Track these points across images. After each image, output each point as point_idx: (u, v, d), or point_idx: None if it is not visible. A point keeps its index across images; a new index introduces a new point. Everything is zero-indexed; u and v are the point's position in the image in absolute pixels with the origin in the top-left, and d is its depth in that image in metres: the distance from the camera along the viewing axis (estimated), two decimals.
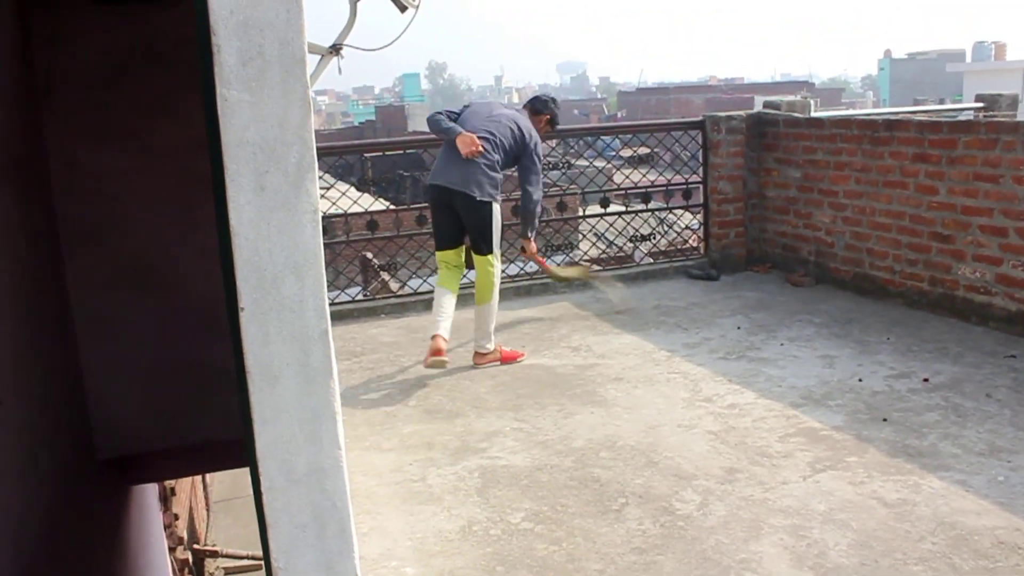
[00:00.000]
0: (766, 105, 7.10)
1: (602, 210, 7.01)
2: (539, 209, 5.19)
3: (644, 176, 7.61)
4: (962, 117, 7.15)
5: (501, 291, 5.11)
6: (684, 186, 7.13)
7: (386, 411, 4.37)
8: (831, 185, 6.26)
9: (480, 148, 4.79)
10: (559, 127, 5.53)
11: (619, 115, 48.00)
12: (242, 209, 1.42)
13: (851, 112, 8.72)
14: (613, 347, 5.19)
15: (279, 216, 1.44)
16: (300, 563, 1.58)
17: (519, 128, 5.02)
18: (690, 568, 2.80)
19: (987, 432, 3.73)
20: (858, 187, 6.01)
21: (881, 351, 4.85)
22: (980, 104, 7.59)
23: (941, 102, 21.21)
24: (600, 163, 7.93)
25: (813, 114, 6.81)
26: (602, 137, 7.77)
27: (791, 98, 6.88)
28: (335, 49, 4.72)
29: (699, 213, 7.40)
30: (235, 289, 1.44)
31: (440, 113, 5.04)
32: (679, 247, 8.55)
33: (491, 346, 5.02)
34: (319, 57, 4.75)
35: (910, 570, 2.73)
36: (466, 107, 5.20)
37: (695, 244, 7.41)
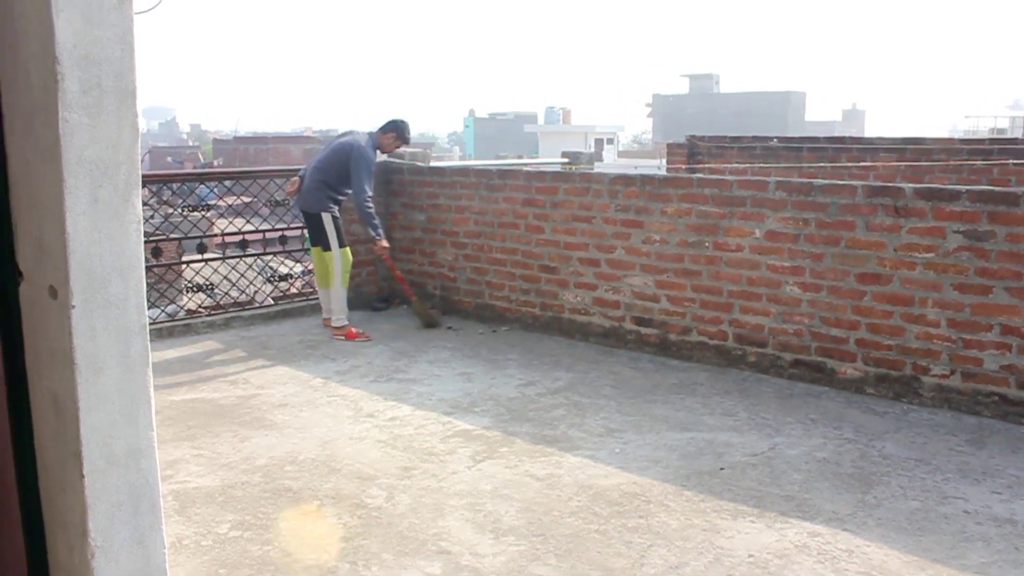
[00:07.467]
0: (391, 155, 7.78)
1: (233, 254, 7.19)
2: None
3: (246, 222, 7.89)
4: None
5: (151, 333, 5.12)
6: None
7: None
8: (453, 226, 7.07)
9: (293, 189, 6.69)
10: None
11: (215, 163, 46.89)
12: (78, 219, 1.60)
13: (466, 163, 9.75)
14: (269, 379, 5.43)
15: (110, 225, 1.64)
16: (116, 539, 1.74)
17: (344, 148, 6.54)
18: (393, 545, 3.23)
19: (602, 420, 4.62)
20: (476, 228, 6.88)
21: (508, 366, 5.66)
22: (566, 160, 9.00)
23: (520, 158, 23.87)
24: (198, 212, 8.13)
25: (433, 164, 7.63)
26: (206, 184, 8.05)
27: (414, 150, 7.62)
28: None
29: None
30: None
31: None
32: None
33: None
34: None
35: (566, 521, 3.42)
36: None
37: None
